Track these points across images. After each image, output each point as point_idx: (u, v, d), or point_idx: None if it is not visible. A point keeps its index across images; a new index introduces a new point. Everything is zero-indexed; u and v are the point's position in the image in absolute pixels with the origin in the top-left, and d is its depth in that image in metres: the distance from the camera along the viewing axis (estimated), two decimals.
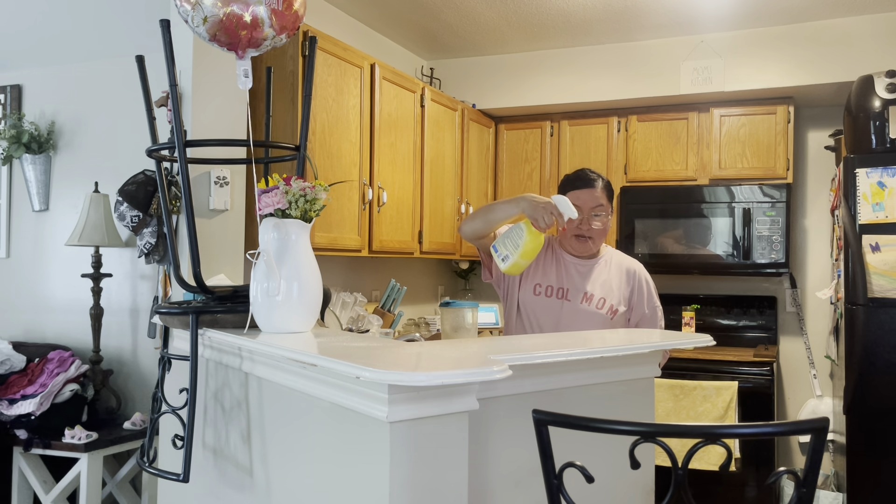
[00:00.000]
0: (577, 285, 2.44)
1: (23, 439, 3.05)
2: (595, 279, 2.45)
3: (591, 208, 2.40)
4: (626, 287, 2.47)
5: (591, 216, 2.41)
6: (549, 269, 2.48)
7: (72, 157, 3.64)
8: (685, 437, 1.21)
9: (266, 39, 1.83)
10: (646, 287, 2.50)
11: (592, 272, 2.46)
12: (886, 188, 3.38)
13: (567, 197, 2.28)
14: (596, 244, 2.46)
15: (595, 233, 2.42)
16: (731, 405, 3.83)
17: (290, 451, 1.61)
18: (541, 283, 2.46)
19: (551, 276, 2.46)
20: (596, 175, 2.47)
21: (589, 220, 2.41)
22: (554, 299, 2.44)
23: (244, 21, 1.77)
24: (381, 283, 4.21)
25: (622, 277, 2.47)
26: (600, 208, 2.41)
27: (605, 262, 2.49)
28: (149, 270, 3.36)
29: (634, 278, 2.49)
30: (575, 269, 2.47)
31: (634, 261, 2.55)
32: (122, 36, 3.38)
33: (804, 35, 4.05)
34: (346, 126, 3.28)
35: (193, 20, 1.77)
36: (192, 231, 1.85)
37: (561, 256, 2.50)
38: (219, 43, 1.81)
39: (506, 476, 1.60)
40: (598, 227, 2.41)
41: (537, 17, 4.04)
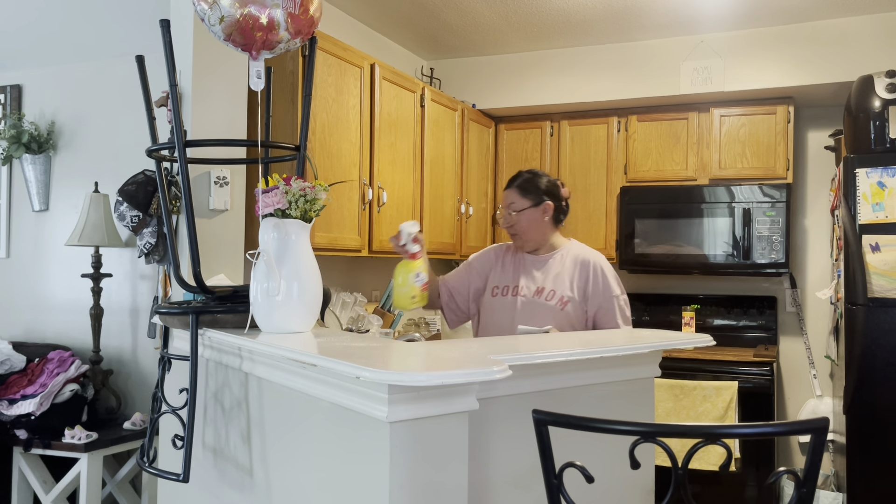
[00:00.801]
0: (532, 280, 2.55)
1: (23, 439, 3.05)
2: (548, 272, 2.54)
3: (507, 205, 2.57)
4: (578, 278, 2.51)
5: (508, 213, 2.57)
6: (507, 271, 2.61)
7: (72, 157, 3.64)
8: (685, 437, 1.21)
9: (280, 42, 1.84)
10: (601, 277, 2.52)
11: (547, 266, 2.56)
12: (886, 188, 3.38)
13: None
14: (523, 239, 2.57)
15: (516, 227, 2.55)
16: (731, 405, 3.83)
17: (290, 451, 1.61)
18: (498, 284, 2.59)
19: (509, 277, 2.59)
20: (522, 174, 2.62)
21: (508, 216, 2.57)
22: (509, 297, 2.54)
23: (260, 23, 1.78)
24: (381, 283, 4.21)
25: (575, 268, 2.53)
26: (511, 205, 2.56)
27: (561, 255, 2.57)
28: (149, 270, 3.36)
29: (588, 268, 2.52)
30: (531, 265, 2.58)
31: (592, 252, 2.60)
32: (123, 36, 3.38)
33: (804, 35, 4.05)
34: (346, 126, 3.28)
35: (210, 19, 1.77)
36: (192, 231, 1.85)
37: (521, 258, 2.61)
38: (234, 43, 1.81)
39: (506, 476, 1.60)
40: (511, 222, 2.55)
41: (537, 17, 4.04)
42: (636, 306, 4.75)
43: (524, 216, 2.54)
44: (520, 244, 2.59)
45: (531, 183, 2.57)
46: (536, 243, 2.57)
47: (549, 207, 2.55)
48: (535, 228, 2.55)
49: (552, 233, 2.59)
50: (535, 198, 2.55)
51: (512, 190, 2.57)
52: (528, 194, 2.55)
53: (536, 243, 2.57)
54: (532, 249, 2.59)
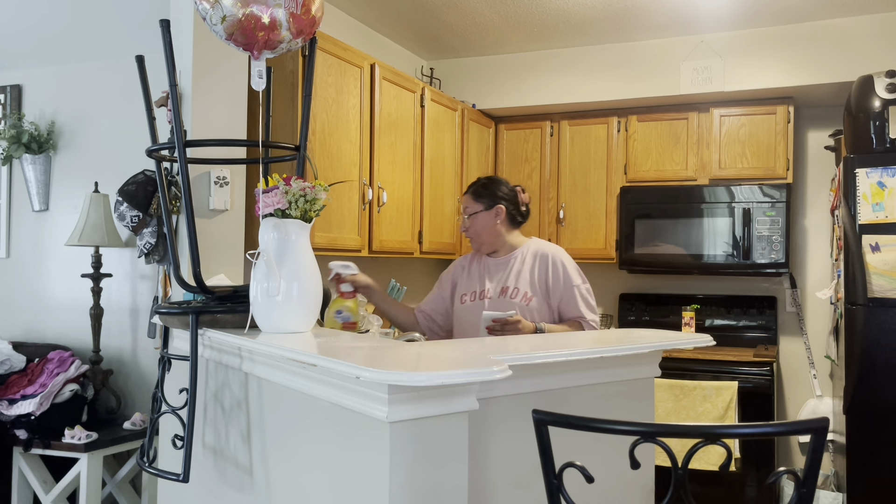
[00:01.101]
0: (496, 282, 2.64)
1: (23, 439, 3.05)
2: (510, 271, 2.63)
3: (462, 209, 2.71)
4: (538, 272, 2.60)
5: (464, 218, 2.70)
6: (473, 277, 2.71)
7: (72, 157, 3.64)
8: (685, 437, 1.21)
9: (282, 42, 1.84)
10: (561, 268, 2.60)
11: (508, 266, 2.65)
12: (886, 188, 3.38)
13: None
14: (478, 242, 2.68)
15: (470, 232, 2.68)
16: (731, 405, 3.83)
17: (289, 451, 1.61)
18: (466, 292, 2.70)
19: (474, 283, 2.69)
20: (479, 180, 2.74)
21: (464, 221, 2.70)
22: (477, 301, 2.64)
23: (262, 22, 1.78)
24: (381, 283, 4.19)
25: (535, 264, 2.62)
26: (465, 210, 2.69)
27: (521, 254, 2.66)
28: (149, 270, 3.36)
29: (547, 262, 2.61)
30: (495, 268, 2.68)
31: (551, 245, 2.69)
32: (123, 36, 3.38)
33: (804, 35, 4.04)
34: (346, 126, 3.28)
35: (212, 18, 1.78)
36: (192, 231, 1.85)
37: (484, 263, 2.71)
38: (235, 43, 1.81)
39: (506, 476, 1.60)
40: (466, 226, 2.68)
41: (537, 17, 4.04)
42: (636, 306, 4.75)
43: (477, 220, 2.66)
44: (476, 247, 2.70)
45: (485, 188, 2.69)
46: (491, 245, 2.67)
47: (502, 210, 2.66)
48: (488, 231, 2.65)
49: (509, 234, 2.69)
50: (487, 202, 2.66)
51: (466, 195, 2.70)
52: (481, 199, 2.67)
53: (491, 245, 2.67)
54: (489, 251, 2.69)
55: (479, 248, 2.70)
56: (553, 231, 4.69)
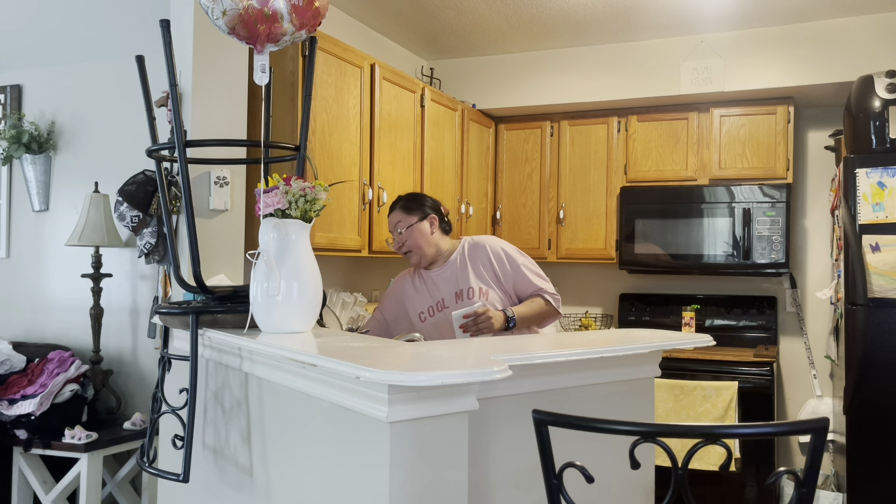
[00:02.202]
0: (449, 291, 2.65)
1: (23, 439, 3.05)
2: (457, 275, 2.65)
3: (394, 227, 2.69)
4: (483, 265, 2.63)
5: (398, 233, 2.67)
6: (422, 295, 2.71)
7: (72, 157, 3.64)
8: (685, 437, 1.21)
9: (285, 35, 1.83)
10: (501, 253, 2.64)
11: (452, 271, 2.67)
12: (886, 188, 3.38)
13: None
14: (417, 255, 2.66)
15: (409, 245, 2.65)
16: (731, 405, 3.83)
17: (289, 451, 1.61)
18: (422, 309, 2.70)
19: (427, 299, 2.69)
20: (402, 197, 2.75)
21: (398, 237, 2.68)
22: (437, 315, 2.65)
23: (263, 15, 1.78)
24: (381, 283, 4.21)
25: (476, 258, 2.65)
26: (398, 224, 2.67)
27: (458, 256, 2.68)
28: (149, 270, 3.36)
29: (486, 252, 2.65)
30: (440, 278, 2.68)
31: (482, 237, 2.72)
32: (123, 36, 3.38)
33: (804, 35, 4.05)
34: (346, 126, 3.28)
35: (213, 12, 1.78)
36: (192, 231, 1.85)
37: (426, 277, 2.72)
38: (238, 36, 1.81)
39: (506, 476, 1.60)
40: (402, 240, 2.66)
41: (537, 17, 4.04)
42: (637, 306, 4.75)
43: (414, 231, 2.65)
44: (417, 260, 2.68)
45: (413, 201, 2.71)
46: (432, 255, 2.67)
47: (435, 219, 2.69)
48: (426, 241, 2.66)
49: (443, 242, 2.70)
50: (419, 213, 2.67)
51: (396, 212, 2.69)
52: (413, 211, 2.68)
53: (432, 255, 2.67)
54: (428, 263, 2.68)
55: (419, 262, 2.69)
56: (553, 231, 4.69)
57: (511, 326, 2.53)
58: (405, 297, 2.77)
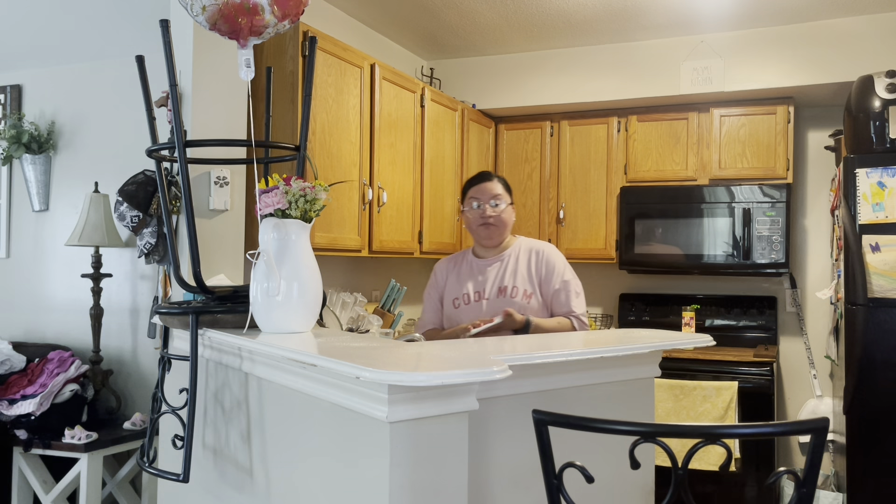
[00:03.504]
0: (493, 284, 2.62)
1: (23, 439, 3.05)
2: (506, 270, 2.62)
3: (491, 197, 2.63)
4: (533, 269, 2.61)
5: (490, 204, 2.62)
6: (463, 279, 2.68)
7: (72, 157, 3.64)
8: (685, 437, 1.21)
9: (268, 27, 1.82)
10: (554, 264, 2.62)
11: (503, 264, 2.64)
12: (886, 188, 3.38)
13: (469, 191, 2.68)
14: (500, 231, 2.63)
15: (497, 219, 2.62)
16: (731, 405, 3.83)
17: (290, 452, 1.61)
18: (457, 295, 2.66)
19: (465, 286, 2.66)
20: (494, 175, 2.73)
21: (489, 207, 2.62)
22: (472, 303, 2.62)
23: (243, 8, 1.76)
24: (381, 283, 4.21)
25: (529, 260, 2.62)
26: (498, 197, 2.63)
27: (513, 252, 2.66)
28: (149, 270, 3.36)
29: (540, 257, 2.62)
30: (489, 268, 2.65)
31: (542, 243, 2.71)
32: (122, 36, 3.38)
33: (804, 35, 4.04)
34: (346, 126, 3.28)
35: (193, 9, 1.76)
36: (192, 231, 1.85)
37: (474, 264, 2.69)
38: (220, 32, 1.80)
39: (506, 476, 1.60)
40: (497, 213, 2.61)
41: (537, 17, 4.04)
42: (637, 306, 4.75)
43: (507, 211, 2.64)
44: (495, 236, 2.64)
45: (505, 181, 2.71)
46: (503, 240, 2.67)
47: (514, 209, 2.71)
48: (509, 224, 2.66)
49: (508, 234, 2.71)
50: (511, 196, 2.69)
51: (496, 183, 2.66)
52: (509, 192, 2.69)
53: (503, 240, 2.67)
54: (496, 245, 2.67)
55: (495, 240, 2.65)
56: (553, 231, 4.69)
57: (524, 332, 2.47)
58: (444, 284, 2.73)
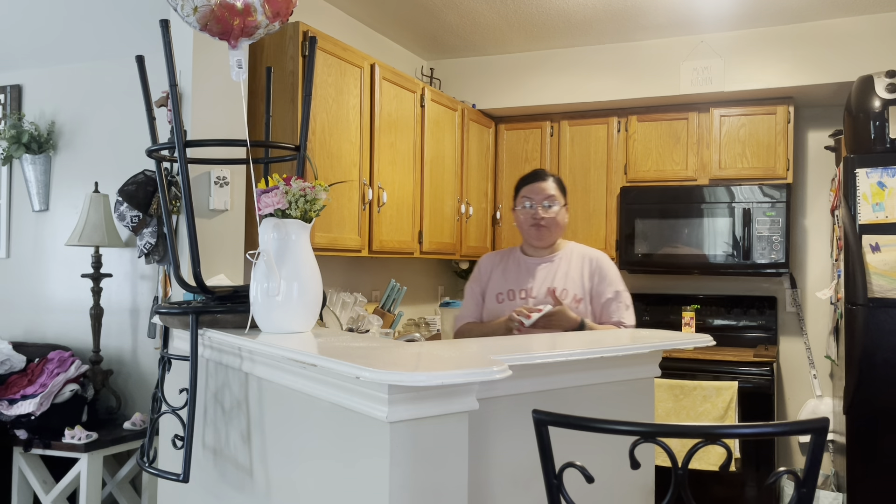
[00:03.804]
0: (541, 282, 2.56)
1: (23, 439, 3.05)
2: (557, 272, 2.57)
3: (544, 198, 2.57)
4: (586, 275, 2.56)
5: (543, 205, 2.56)
6: (510, 275, 2.62)
7: (72, 157, 3.64)
8: (685, 437, 1.21)
9: (259, 27, 1.80)
10: (607, 272, 2.58)
11: (554, 266, 2.58)
12: (886, 188, 3.38)
13: (522, 189, 2.63)
14: (552, 233, 2.58)
15: (549, 221, 2.56)
16: (731, 405, 3.83)
17: (290, 451, 1.61)
18: (502, 290, 2.60)
19: (513, 281, 2.60)
20: (549, 174, 2.67)
21: (542, 209, 2.56)
22: (517, 300, 2.55)
23: (236, 9, 1.74)
24: (381, 283, 4.21)
25: (582, 266, 2.57)
26: (552, 198, 2.57)
27: (565, 255, 2.61)
28: (149, 270, 3.36)
29: (594, 265, 2.57)
30: (538, 267, 2.60)
31: (595, 250, 2.66)
32: (123, 36, 3.38)
33: (804, 35, 4.04)
34: (346, 126, 3.28)
35: (183, 9, 1.72)
36: (192, 231, 1.85)
37: (522, 262, 2.63)
38: (210, 33, 1.77)
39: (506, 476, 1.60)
40: (551, 214, 2.56)
41: (537, 17, 4.04)
42: (637, 306, 4.73)
43: (560, 213, 2.59)
44: (546, 237, 2.58)
45: (561, 182, 2.65)
46: (554, 241, 2.61)
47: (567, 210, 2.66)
48: (563, 227, 2.62)
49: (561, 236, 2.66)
50: (566, 197, 2.64)
51: (550, 183, 2.60)
52: (563, 193, 2.63)
53: (554, 241, 2.61)
54: (547, 247, 2.61)
55: (546, 241, 2.59)
56: None
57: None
58: (489, 277, 2.66)
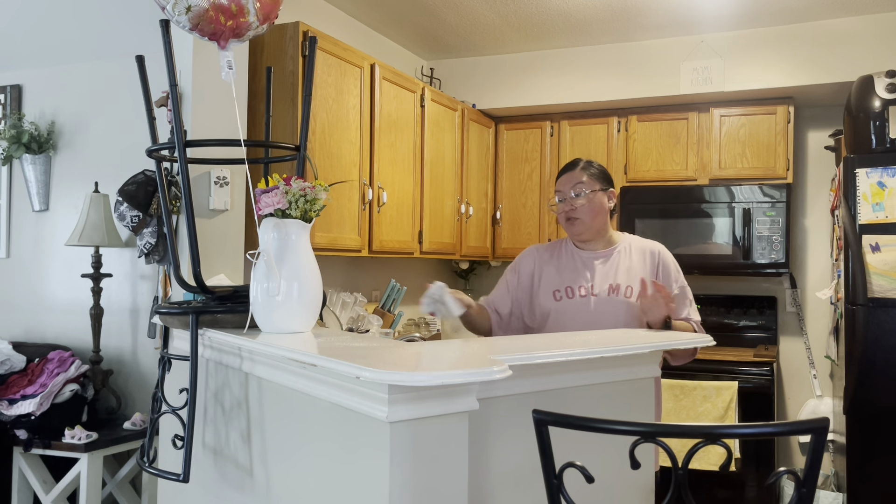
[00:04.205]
0: (601, 278, 2.37)
1: (23, 439, 3.05)
2: (617, 268, 2.38)
3: (571, 187, 2.38)
4: (649, 270, 2.38)
5: (572, 196, 2.38)
6: (565, 271, 2.41)
7: (72, 157, 3.64)
8: (685, 437, 1.21)
9: (250, 29, 1.80)
10: (671, 267, 2.42)
11: (613, 262, 2.40)
12: (886, 188, 3.38)
13: (556, 185, 2.46)
14: (586, 224, 2.38)
15: (580, 212, 2.37)
16: (731, 405, 3.83)
17: (290, 451, 1.61)
18: (559, 287, 2.39)
19: (569, 277, 2.40)
20: (579, 161, 2.47)
21: (571, 200, 2.38)
22: (578, 299, 2.36)
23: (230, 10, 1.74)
24: (381, 283, 4.21)
25: (644, 261, 2.40)
26: (580, 185, 2.37)
27: (624, 248, 2.42)
28: (149, 270, 3.36)
29: (657, 259, 2.41)
30: (596, 261, 2.41)
31: (655, 243, 2.47)
32: (123, 36, 3.38)
33: (804, 35, 4.04)
34: (346, 126, 3.28)
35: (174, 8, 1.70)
36: (192, 231, 1.85)
37: (577, 256, 2.43)
38: (200, 32, 1.76)
39: (506, 476, 1.60)
40: (580, 203, 2.36)
41: (537, 17, 4.04)
42: None
43: (594, 199, 2.37)
44: (580, 232, 2.39)
45: (598, 167, 2.44)
46: (597, 233, 2.41)
47: (614, 195, 2.44)
48: (601, 216, 2.40)
49: (610, 225, 2.46)
50: (603, 183, 2.41)
51: (577, 171, 2.40)
52: (597, 178, 2.40)
53: (597, 233, 2.41)
54: (590, 239, 2.42)
55: (582, 234, 2.39)
56: (553, 231, 4.69)
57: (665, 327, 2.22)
58: (541, 271, 2.44)
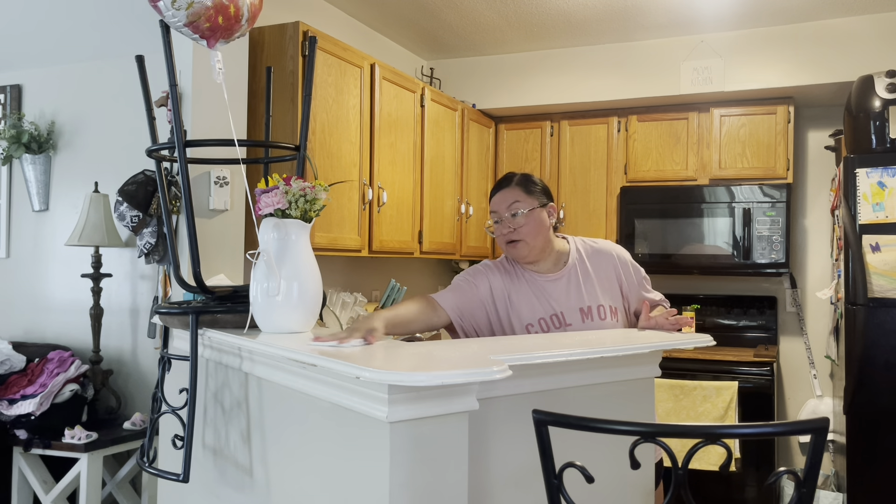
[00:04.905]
0: (570, 305, 2.16)
1: (23, 439, 3.05)
2: (581, 287, 2.17)
3: (507, 207, 2.17)
4: (612, 274, 2.22)
5: (509, 216, 2.16)
6: (528, 300, 2.16)
7: (72, 157, 3.64)
8: (685, 437, 1.21)
9: (238, 31, 1.82)
10: (629, 265, 2.27)
11: (574, 282, 2.18)
12: (886, 188, 3.38)
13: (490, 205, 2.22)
14: (530, 245, 2.15)
15: (521, 233, 2.14)
16: (731, 405, 3.83)
17: (289, 451, 1.61)
18: (532, 321, 2.14)
19: (537, 308, 2.15)
20: (515, 174, 2.27)
21: (508, 221, 2.16)
22: (553, 330, 2.14)
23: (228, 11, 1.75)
24: (381, 283, 4.21)
25: (600, 269, 2.22)
26: (516, 204, 2.15)
27: (577, 261, 2.21)
28: (149, 270, 3.36)
29: (612, 261, 2.24)
30: (553, 286, 2.17)
31: (604, 242, 2.30)
32: (123, 36, 3.38)
33: (804, 35, 4.04)
34: (346, 126, 3.28)
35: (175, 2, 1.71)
36: (192, 231, 1.85)
37: (532, 280, 2.18)
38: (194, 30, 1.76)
39: (506, 476, 1.60)
40: (519, 224, 2.14)
41: (537, 17, 4.04)
42: None
43: (532, 218, 2.14)
44: (524, 255, 2.16)
45: (534, 182, 2.24)
46: (541, 252, 2.18)
47: (553, 209, 2.23)
48: (543, 234, 2.16)
49: (554, 240, 2.24)
50: (540, 197, 2.20)
51: (513, 189, 2.18)
52: (534, 193, 2.19)
53: (541, 252, 2.18)
54: (536, 260, 2.19)
55: (527, 256, 2.16)
56: None
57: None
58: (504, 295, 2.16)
